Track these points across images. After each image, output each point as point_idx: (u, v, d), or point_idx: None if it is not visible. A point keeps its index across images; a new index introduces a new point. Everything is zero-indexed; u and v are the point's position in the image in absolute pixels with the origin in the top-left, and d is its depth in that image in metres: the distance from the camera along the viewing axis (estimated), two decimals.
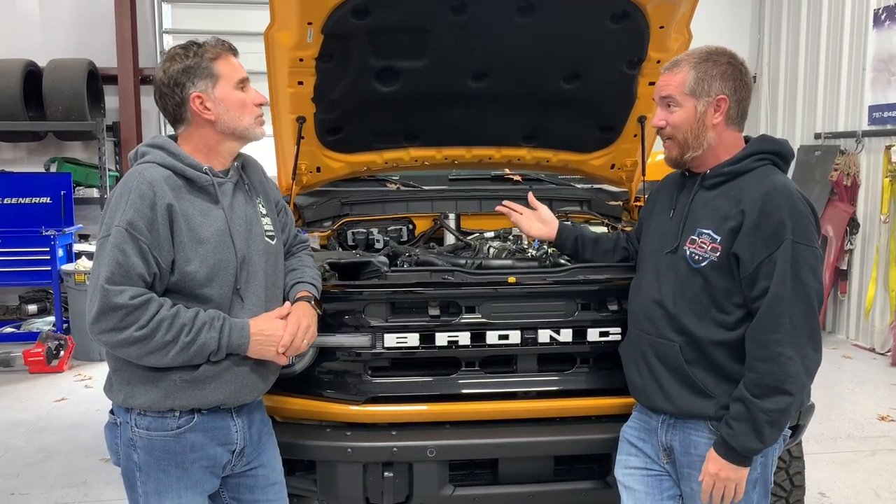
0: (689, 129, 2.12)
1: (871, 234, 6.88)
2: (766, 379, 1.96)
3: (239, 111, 2.06)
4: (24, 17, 7.97)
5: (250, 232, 2.11)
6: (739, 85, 2.10)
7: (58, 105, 7.19)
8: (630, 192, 3.64)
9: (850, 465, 4.30)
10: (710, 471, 2.05)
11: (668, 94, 2.13)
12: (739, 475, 2.04)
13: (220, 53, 2.04)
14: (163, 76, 2.02)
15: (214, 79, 2.02)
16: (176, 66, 2.00)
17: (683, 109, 2.11)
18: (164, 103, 2.05)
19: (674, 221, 2.20)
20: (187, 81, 2.00)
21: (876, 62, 6.78)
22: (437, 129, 3.36)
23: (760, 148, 2.12)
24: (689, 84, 2.10)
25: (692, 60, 2.11)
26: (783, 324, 1.95)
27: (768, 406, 1.96)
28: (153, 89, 2.07)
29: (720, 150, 2.13)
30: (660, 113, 2.17)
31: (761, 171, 2.08)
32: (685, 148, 2.14)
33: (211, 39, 2.07)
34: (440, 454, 2.41)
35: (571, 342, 2.51)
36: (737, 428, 2.00)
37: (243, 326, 2.00)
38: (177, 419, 2.01)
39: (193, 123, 2.05)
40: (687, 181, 2.23)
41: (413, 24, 2.84)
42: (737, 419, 2.00)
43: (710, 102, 2.09)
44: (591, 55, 3.04)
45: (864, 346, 6.87)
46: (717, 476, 2.04)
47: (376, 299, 2.47)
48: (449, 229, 3.36)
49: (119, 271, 1.87)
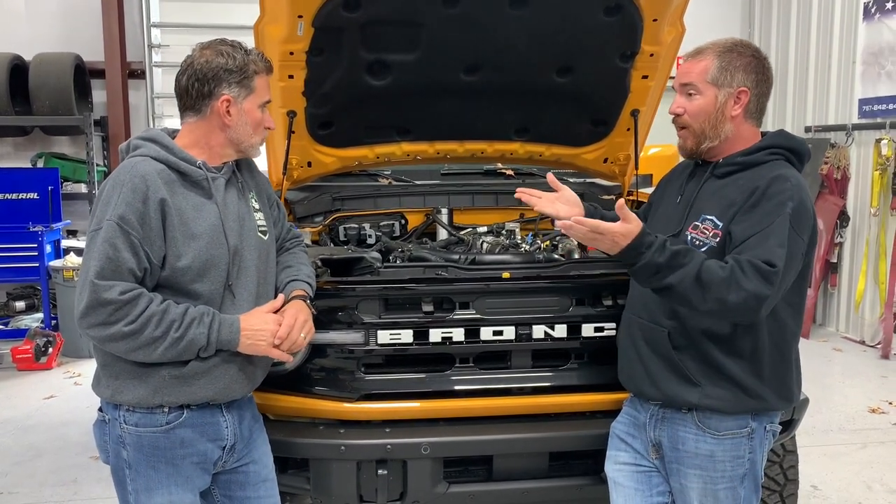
0: (707, 119, 2.10)
1: (861, 227, 6.91)
2: (716, 286, 1.87)
3: (254, 129, 2.08)
4: (9, 10, 7.88)
5: (243, 227, 2.09)
6: (761, 79, 2.10)
7: (44, 99, 7.11)
8: (623, 186, 3.63)
9: (842, 457, 4.32)
10: (607, 227, 1.91)
11: (689, 82, 2.11)
12: (606, 244, 1.93)
13: (262, 69, 2.06)
14: (204, 63, 1.99)
15: (249, 91, 2.03)
16: (220, 61, 1.99)
17: (704, 98, 2.09)
18: (189, 87, 2.01)
19: (680, 207, 2.19)
20: (224, 81, 1.99)
21: (866, 55, 6.80)
22: (429, 124, 3.34)
23: (776, 142, 2.11)
24: (712, 73, 2.08)
25: (717, 49, 2.09)
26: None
27: (690, 292, 1.88)
28: (181, 68, 2.02)
29: (736, 143, 2.12)
30: (679, 100, 2.14)
31: (773, 165, 2.07)
32: (702, 138, 2.12)
33: (257, 51, 2.08)
34: (434, 451, 2.40)
35: (566, 338, 2.50)
36: (659, 255, 1.90)
37: (233, 322, 1.98)
38: (166, 415, 1.99)
39: (207, 120, 2.04)
40: (698, 169, 2.22)
41: (404, 16, 2.82)
42: (668, 254, 1.90)
43: (731, 93, 2.07)
44: (584, 48, 3.02)
45: (855, 338, 6.90)
46: (611, 227, 1.91)
47: (369, 295, 2.45)
48: (442, 224, 3.34)
49: (109, 266, 1.85)
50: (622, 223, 1.93)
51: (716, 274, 1.89)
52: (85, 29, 7.80)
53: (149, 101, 8.08)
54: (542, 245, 3.03)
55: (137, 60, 8.03)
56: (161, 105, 8.13)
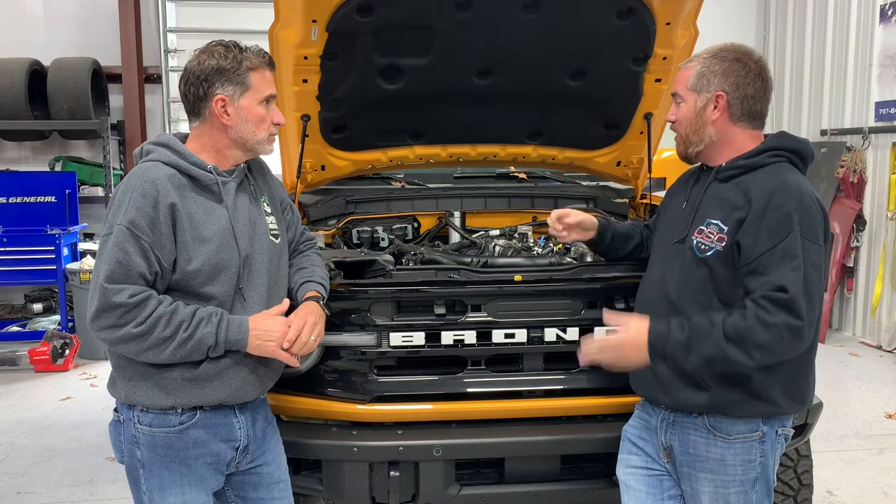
0: (689, 124, 2.14)
1: (877, 231, 6.85)
2: (747, 334, 1.90)
3: (256, 125, 2.06)
4: (28, 15, 7.97)
5: (254, 231, 2.10)
6: (744, 82, 2.08)
7: (62, 104, 7.19)
8: (636, 190, 3.62)
9: (858, 463, 4.28)
10: (623, 323, 2.02)
11: (675, 91, 2.18)
12: (632, 355, 2.01)
13: (258, 65, 2.04)
14: (196, 66, 2.01)
15: (244, 88, 2.02)
16: (211, 63, 2.00)
17: (686, 104, 2.14)
18: (187, 91, 2.04)
19: (685, 212, 2.20)
20: (217, 81, 2.00)
21: (883, 58, 6.74)
22: (442, 127, 3.35)
23: (777, 144, 2.10)
24: (692, 79, 2.12)
25: (702, 56, 2.13)
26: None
27: (730, 353, 1.90)
28: (181, 74, 2.05)
29: (726, 147, 2.13)
30: (672, 108, 2.21)
31: (775, 168, 2.06)
32: (687, 143, 2.17)
33: (254, 48, 2.06)
34: (446, 453, 2.40)
35: (578, 341, 2.49)
36: (679, 332, 1.96)
37: (242, 322, 1.99)
38: (179, 416, 2.01)
39: (208, 122, 2.05)
40: (703, 174, 2.23)
41: (417, 21, 2.83)
42: (687, 327, 1.96)
43: (708, 98, 2.09)
44: (596, 52, 3.03)
45: (871, 343, 6.84)
46: (622, 338, 2.01)
47: (382, 298, 2.46)
48: (454, 227, 3.35)
49: (119, 270, 1.88)
50: (624, 328, 2.02)
51: (740, 325, 1.91)
52: (102, 34, 7.89)
53: (165, 106, 8.16)
54: (555, 248, 3.03)
55: (154, 65, 8.10)
56: (177, 109, 8.20)
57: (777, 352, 1.92)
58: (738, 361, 1.92)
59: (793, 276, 1.89)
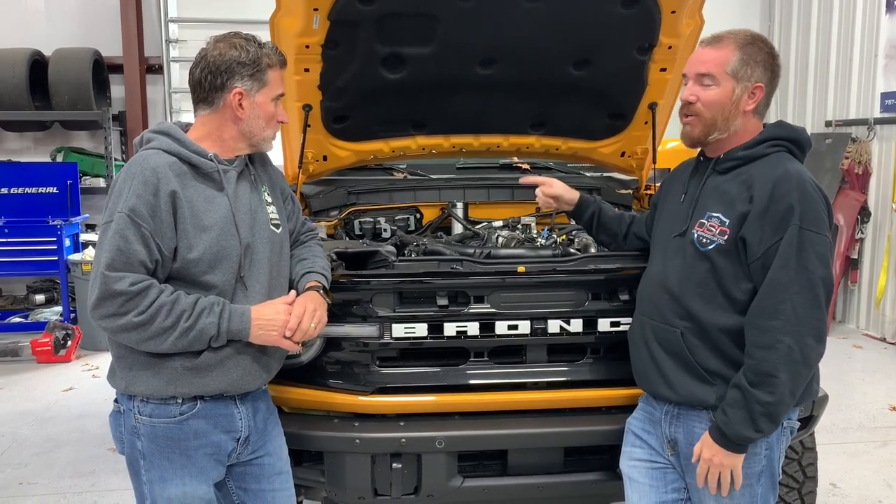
0: (721, 111, 2.07)
1: (882, 222, 6.82)
2: (763, 366, 1.92)
3: (266, 122, 2.08)
4: (29, 6, 7.95)
5: (255, 220, 2.09)
6: (774, 77, 2.08)
7: (63, 94, 7.18)
8: (640, 180, 3.60)
9: (861, 455, 4.27)
10: (704, 456, 2.03)
11: (707, 72, 2.07)
12: (733, 462, 2.00)
13: (275, 63, 2.06)
14: (217, 56, 1.99)
15: (262, 84, 2.03)
16: (233, 54, 1.99)
17: (721, 89, 2.06)
18: (202, 79, 2.01)
19: (684, 205, 2.17)
20: (237, 73, 1.99)
21: (888, 48, 6.70)
22: (444, 117, 3.32)
23: (775, 134, 2.08)
24: (734, 65, 2.04)
25: (737, 41, 2.06)
26: (785, 310, 1.91)
27: (764, 397, 1.92)
28: (194, 61, 2.03)
29: (740, 137, 2.10)
30: (692, 87, 2.10)
31: (775, 158, 2.05)
32: (711, 128, 2.09)
33: (271, 45, 2.08)
34: (449, 445, 2.39)
35: (581, 332, 2.49)
36: (731, 415, 1.96)
37: (244, 312, 1.98)
38: (179, 406, 2.00)
39: (220, 112, 2.04)
40: (700, 166, 2.20)
41: (420, 9, 2.81)
42: (732, 406, 1.97)
43: (747, 88, 2.05)
44: (600, 41, 2.99)
45: (875, 335, 6.82)
46: (711, 461, 2.01)
47: (384, 289, 2.44)
48: (457, 218, 3.33)
49: (120, 258, 1.87)
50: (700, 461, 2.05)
51: (782, 356, 1.91)
52: (103, 24, 7.87)
53: (166, 96, 8.14)
54: (559, 239, 3.01)
55: (155, 55, 8.08)
56: (179, 100, 8.19)
57: (821, 350, 1.97)
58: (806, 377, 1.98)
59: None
